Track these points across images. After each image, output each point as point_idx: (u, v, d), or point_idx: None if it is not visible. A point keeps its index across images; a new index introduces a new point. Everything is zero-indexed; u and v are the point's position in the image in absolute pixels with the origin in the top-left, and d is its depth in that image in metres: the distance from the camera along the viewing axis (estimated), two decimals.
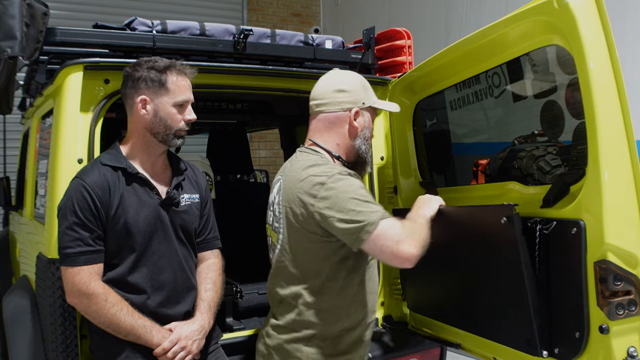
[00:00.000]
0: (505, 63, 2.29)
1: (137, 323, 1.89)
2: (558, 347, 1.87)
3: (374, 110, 2.08)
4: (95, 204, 1.88)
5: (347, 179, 1.85)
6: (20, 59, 2.13)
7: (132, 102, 1.97)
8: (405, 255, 1.73)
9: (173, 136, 1.99)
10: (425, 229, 1.87)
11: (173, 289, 2.01)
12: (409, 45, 3.07)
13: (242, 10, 8.04)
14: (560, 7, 1.81)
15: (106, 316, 1.85)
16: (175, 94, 1.96)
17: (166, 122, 1.96)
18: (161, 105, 1.95)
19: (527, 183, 2.32)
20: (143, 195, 1.97)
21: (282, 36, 2.83)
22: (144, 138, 2.00)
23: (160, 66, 1.95)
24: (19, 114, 4.14)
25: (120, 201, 1.92)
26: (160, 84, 1.94)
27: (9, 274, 3.95)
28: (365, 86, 2.06)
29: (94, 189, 1.89)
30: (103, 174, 1.93)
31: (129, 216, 1.93)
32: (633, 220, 1.75)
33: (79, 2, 6.75)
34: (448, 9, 5.83)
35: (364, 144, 2.02)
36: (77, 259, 1.86)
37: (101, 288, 1.87)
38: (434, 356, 2.85)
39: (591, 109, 1.75)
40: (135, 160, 2.01)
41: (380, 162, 2.92)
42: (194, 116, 2.02)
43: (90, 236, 1.87)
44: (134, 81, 1.96)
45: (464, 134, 3.36)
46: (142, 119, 1.97)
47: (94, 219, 1.88)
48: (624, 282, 1.73)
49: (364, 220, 1.75)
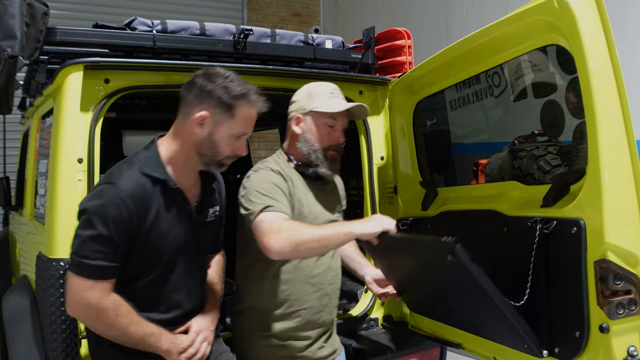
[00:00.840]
0: (505, 63, 2.29)
1: (146, 332, 1.79)
2: (558, 347, 1.87)
3: (321, 113, 2.21)
4: (131, 217, 1.72)
5: (262, 173, 2.13)
6: (20, 59, 2.13)
7: (190, 110, 1.81)
8: (268, 248, 1.90)
9: (217, 163, 1.87)
10: (311, 236, 1.90)
11: (186, 307, 1.94)
12: (409, 45, 3.08)
13: (242, 10, 8.05)
14: (560, 7, 1.81)
15: (117, 330, 1.75)
16: (238, 126, 1.83)
17: (217, 148, 1.83)
18: (219, 130, 1.81)
19: (527, 183, 2.32)
20: (177, 211, 1.85)
21: (282, 36, 2.84)
22: (189, 154, 1.85)
23: (236, 90, 1.80)
24: (19, 113, 4.14)
25: (155, 217, 1.78)
26: (228, 108, 1.80)
27: (9, 274, 3.95)
28: (311, 93, 2.25)
29: (133, 201, 1.72)
30: (142, 184, 1.77)
31: (160, 234, 1.80)
32: (633, 219, 1.75)
33: (79, 2, 6.75)
34: (448, 9, 5.83)
35: (306, 146, 2.21)
36: (94, 273, 1.70)
37: (112, 302, 1.73)
38: (434, 356, 2.85)
39: (591, 108, 1.75)
40: (172, 168, 1.85)
41: (380, 162, 2.92)
42: (245, 152, 1.90)
43: (113, 252, 1.71)
44: (202, 91, 1.80)
45: (464, 134, 3.36)
46: (194, 134, 1.82)
47: (123, 233, 1.72)
48: (624, 281, 1.73)
49: (251, 209, 2.00)
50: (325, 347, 2.25)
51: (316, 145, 2.21)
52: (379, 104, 2.93)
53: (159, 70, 2.44)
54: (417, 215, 2.66)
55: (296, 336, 2.17)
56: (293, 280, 2.16)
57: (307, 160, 2.23)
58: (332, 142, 2.23)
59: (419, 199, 2.70)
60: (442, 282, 2.03)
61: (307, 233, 1.90)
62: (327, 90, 2.25)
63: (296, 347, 2.17)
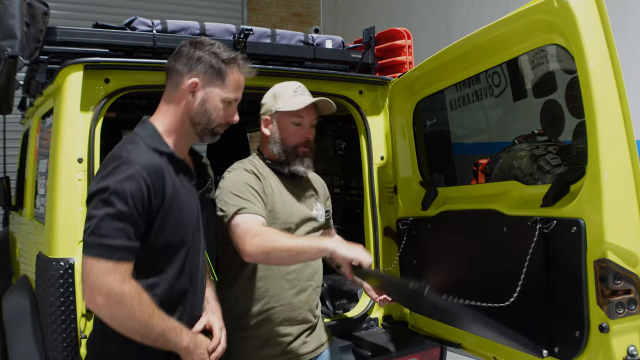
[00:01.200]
0: (506, 62, 2.29)
1: (168, 326, 1.66)
2: (558, 346, 1.87)
3: (285, 112, 2.23)
4: (150, 192, 1.62)
5: (236, 173, 2.18)
6: (21, 59, 2.13)
7: (180, 80, 1.77)
8: (242, 252, 1.96)
9: (211, 132, 1.82)
10: (282, 245, 1.93)
11: (197, 286, 1.85)
12: (409, 45, 3.08)
13: (242, 10, 8.05)
14: (560, 6, 1.81)
15: (139, 321, 1.59)
16: (229, 90, 1.81)
17: (211, 115, 1.79)
18: (211, 96, 1.78)
19: (527, 182, 2.32)
20: (188, 185, 1.80)
21: (282, 36, 2.84)
22: (183, 125, 1.79)
23: (224, 55, 1.80)
24: (19, 113, 4.14)
25: (173, 191, 1.70)
26: (218, 73, 1.78)
27: (9, 274, 3.95)
28: (276, 94, 2.27)
29: (151, 174, 1.63)
30: (156, 159, 1.69)
31: (180, 208, 1.72)
32: (633, 219, 1.75)
33: (79, 2, 6.75)
34: (448, 9, 5.83)
35: (276, 147, 2.25)
36: (116, 253, 1.56)
37: (135, 288, 1.59)
38: (434, 356, 2.85)
39: (591, 108, 1.75)
40: (172, 141, 1.79)
41: (380, 162, 2.92)
42: (237, 118, 1.87)
43: (134, 230, 1.59)
44: (190, 59, 1.77)
45: (464, 134, 3.36)
46: (187, 103, 1.77)
47: (143, 211, 1.61)
48: (624, 281, 1.73)
49: (225, 211, 2.06)
50: (308, 342, 2.24)
51: (285, 144, 2.25)
52: (379, 104, 2.93)
53: (159, 70, 2.43)
54: (417, 215, 2.66)
55: (276, 334, 2.18)
56: (268, 276, 2.17)
57: (279, 160, 2.26)
58: (300, 139, 2.25)
59: (419, 199, 2.71)
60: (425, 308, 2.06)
61: (279, 242, 1.93)
62: (291, 89, 2.27)
63: (277, 345, 2.17)
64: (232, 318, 2.21)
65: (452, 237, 2.43)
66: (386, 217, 2.89)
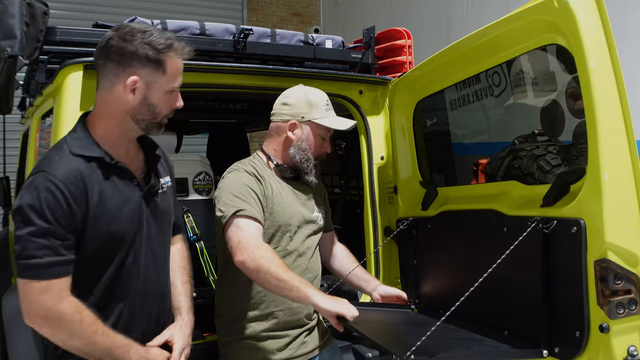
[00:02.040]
0: (506, 62, 2.29)
1: (114, 343, 1.61)
2: (558, 346, 1.87)
3: (320, 126, 2.24)
4: (69, 204, 1.54)
5: (236, 174, 2.16)
6: (20, 58, 2.13)
7: (116, 79, 1.64)
8: (236, 257, 1.98)
9: (157, 125, 1.72)
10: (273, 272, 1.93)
11: (150, 292, 1.77)
12: (409, 45, 3.08)
13: (242, 10, 8.06)
14: (560, 6, 1.81)
15: (81, 339, 1.56)
16: (171, 80, 1.68)
17: (155, 109, 1.68)
18: (154, 90, 1.66)
19: (528, 182, 2.32)
20: (124, 188, 1.68)
21: (282, 36, 2.84)
22: (123, 123, 1.68)
23: (160, 43, 1.63)
24: (19, 113, 4.14)
25: (99, 198, 1.61)
26: (157, 65, 1.64)
27: (9, 273, 3.94)
28: (311, 102, 2.24)
29: (68, 187, 1.55)
30: (75, 167, 1.59)
31: (112, 216, 1.63)
32: (633, 219, 1.75)
33: (79, 2, 6.76)
34: (448, 9, 5.83)
35: (299, 154, 2.23)
36: (47, 272, 1.52)
37: (74, 305, 1.55)
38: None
39: (591, 108, 1.75)
40: (108, 144, 1.68)
41: (380, 162, 2.92)
42: (182, 103, 1.76)
43: (61, 244, 1.54)
44: (123, 55, 1.62)
45: (464, 134, 3.36)
46: (126, 102, 1.65)
47: (66, 223, 1.54)
48: (624, 281, 1.73)
49: (223, 212, 2.06)
50: (307, 342, 2.24)
51: (309, 154, 2.25)
52: (379, 103, 2.93)
53: None
54: (417, 215, 2.66)
55: (274, 336, 2.17)
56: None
57: (294, 165, 2.25)
58: (322, 152, 2.29)
59: (419, 199, 2.70)
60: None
61: (273, 268, 1.93)
62: (324, 101, 2.28)
63: (275, 346, 2.17)
64: (230, 319, 2.21)
65: (452, 237, 2.43)
66: (386, 217, 2.89)
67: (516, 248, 1.90)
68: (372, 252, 2.85)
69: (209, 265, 2.63)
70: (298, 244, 2.23)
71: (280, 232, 2.19)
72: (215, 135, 4.40)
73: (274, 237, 2.18)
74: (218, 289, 2.31)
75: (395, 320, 2.33)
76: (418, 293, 2.59)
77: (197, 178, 2.95)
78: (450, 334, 2.05)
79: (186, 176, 2.90)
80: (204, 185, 2.95)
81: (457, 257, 2.37)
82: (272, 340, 2.17)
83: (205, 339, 2.53)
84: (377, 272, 2.83)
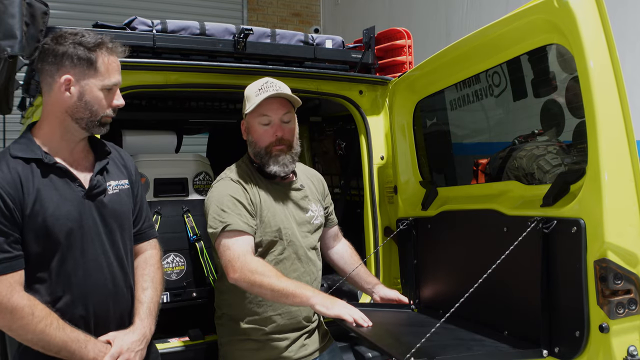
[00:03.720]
0: (506, 62, 2.29)
1: (70, 337, 1.65)
2: (558, 346, 1.87)
3: (252, 114, 2.20)
4: (7, 204, 1.63)
5: (222, 184, 2.19)
6: (20, 58, 2.13)
7: (52, 80, 1.73)
8: (228, 275, 2.03)
9: (98, 123, 1.77)
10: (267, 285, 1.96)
11: (103, 293, 1.79)
12: (409, 45, 3.08)
13: (242, 10, 8.05)
14: (560, 6, 1.81)
15: (34, 332, 1.61)
16: (105, 77, 1.74)
17: (92, 107, 1.74)
18: (88, 88, 1.73)
19: (528, 182, 2.32)
20: (63, 188, 1.74)
21: (282, 36, 2.83)
22: (64, 123, 1.75)
23: (90, 43, 1.71)
24: (19, 113, 4.14)
25: (36, 197, 1.68)
26: (88, 63, 1.71)
27: None
28: (246, 97, 2.24)
29: (4, 187, 1.64)
30: (13, 167, 1.67)
31: (48, 213, 1.69)
32: (633, 219, 1.75)
33: (79, 2, 6.76)
34: (448, 9, 5.83)
35: (253, 150, 2.24)
36: None
37: (26, 299, 1.62)
38: None
39: (591, 108, 1.75)
40: (52, 147, 1.76)
41: (380, 162, 2.92)
42: (122, 101, 1.82)
43: (5, 241, 1.62)
44: (56, 57, 1.71)
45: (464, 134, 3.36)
46: (63, 102, 1.73)
47: (7, 221, 1.63)
48: (624, 280, 1.73)
49: (213, 228, 2.09)
50: (307, 344, 2.24)
51: (258, 146, 2.21)
52: (379, 103, 2.93)
53: (159, 70, 2.44)
54: (417, 215, 2.66)
55: (273, 338, 2.17)
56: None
57: (259, 163, 2.24)
58: (271, 138, 2.20)
59: (419, 199, 2.70)
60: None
61: (266, 280, 1.95)
62: (256, 88, 2.21)
63: (275, 348, 2.17)
64: (230, 320, 2.21)
65: (452, 237, 2.43)
66: (386, 217, 2.89)
67: (516, 248, 1.90)
68: (372, 252, 2.85)
69: (209, 265, 2.62)
70: (293, 248, 2.22)
71: (274, 238, 2.18)
72: (215, 135, 4.39)
73: (268, 244, 2.17)
74: (218, 290, 2.31)
75: (395, 320, 2.32)
76: (418, 293, 2.60)
77: (197, 178, 2.95)
78: (450, 334, 2.05)
79: (186, 176, 2.90)
80: (204, 185, 2.95)
81: (457, 257, 2.37)
82: (272, 342, 2.17)
83: (205, 339, 2.53)
84: (377, 272, 2.83)
